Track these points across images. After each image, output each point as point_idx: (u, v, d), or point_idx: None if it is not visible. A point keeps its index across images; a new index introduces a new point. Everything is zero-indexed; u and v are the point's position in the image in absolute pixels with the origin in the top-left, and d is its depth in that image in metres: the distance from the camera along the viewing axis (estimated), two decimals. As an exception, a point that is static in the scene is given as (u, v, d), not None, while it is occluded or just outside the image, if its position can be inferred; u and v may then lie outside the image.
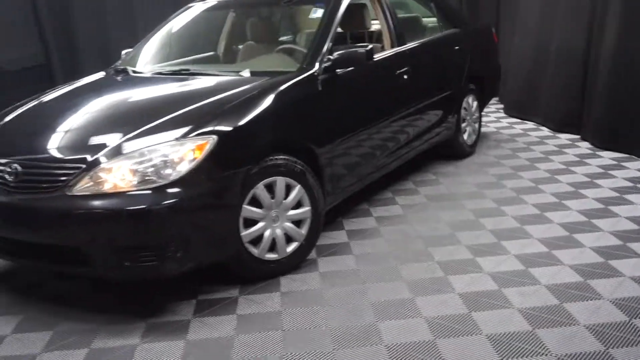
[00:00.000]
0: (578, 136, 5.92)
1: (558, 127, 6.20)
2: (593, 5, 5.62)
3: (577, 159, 5.24)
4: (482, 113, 6.82)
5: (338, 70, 3.86)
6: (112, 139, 3.13)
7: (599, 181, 4.65)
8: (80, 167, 3.02)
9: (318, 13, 4.34)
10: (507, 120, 6.88)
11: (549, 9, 6.28)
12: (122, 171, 2.97)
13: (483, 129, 6.33)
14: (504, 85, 7.41)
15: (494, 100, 7.75)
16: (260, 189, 3.29)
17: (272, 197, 3.36)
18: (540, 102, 6.51)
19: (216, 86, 3.76)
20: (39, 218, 3.05)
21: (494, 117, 7.09)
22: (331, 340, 2.80)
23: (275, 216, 3.39)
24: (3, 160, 3.23)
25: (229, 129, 3.18)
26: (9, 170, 3.16)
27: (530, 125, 6.57)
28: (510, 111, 7.16)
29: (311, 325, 2.94)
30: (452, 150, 5.44)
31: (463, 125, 5.43)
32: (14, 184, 3.14)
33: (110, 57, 8.05)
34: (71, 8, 8.16)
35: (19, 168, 3.14)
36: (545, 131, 6.26)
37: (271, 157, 3.34)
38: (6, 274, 3.74)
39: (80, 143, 3.23)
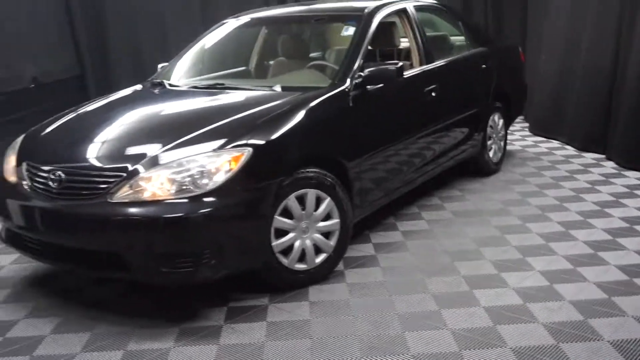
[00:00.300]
0: (603, 155, 5.95)
1: (583, 146, 6.23)
2: (619, 25, 5.68)
3: (603, 178, 5.28)
4: (508, 131, 6.90)
5: (368, 86, 3.97)
6: (151, 149, 3.26)
7: (624, 200, 4.68)
8: (121, 176, 3.15)
9: (349, 31, 4.47)
10: (532, 139, 6.93)
11: (576, 28, 6.33)
12: (161, 180, 3.10)
13: (509, 147, 6.38)
14: (529, 103, 7.45)
15: (519, 118, 7.79)
16: (291, 201, 3.39)
17: (303, 209, 3.46)
18: (566, 121, 6.55)
19: (250, 100, 3.89)
20: (80, 224, 3.19)
21: (520, 136, 7.13)
22: (359, 349, 2.88)
23: (305, 227, 3.49)
24: (47, 168, 3.38)
25: (263, 142, 3.30)
26: (53, 177, 3.31)
27: (555, 144, 6.61)
28: (535, 130, 7.20)
29: (339, 334, 3.03)
30: (478, 167, 5.50)
31: (489, 142, 5.50)
32: (56, 191, 3.29)
33: (142, 70, 8.30)
34: (106, 23, 8.42)
35: (62, 175, 3.29)
36: (570, 150, 6.30)
37: (303, 170, 3.45)
38: (47, 278, 3.88)
39: (121, 153, 3.37)
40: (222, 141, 3.24)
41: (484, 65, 5.43)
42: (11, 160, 3.71)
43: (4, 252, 4.30)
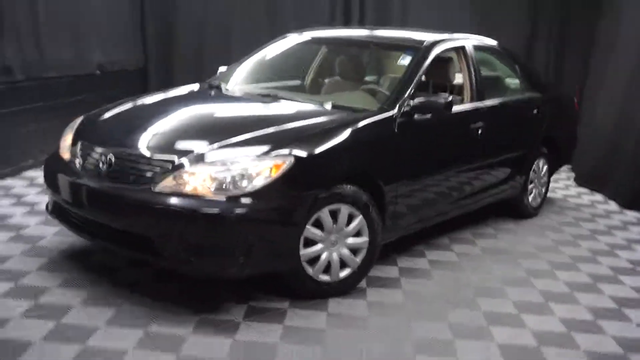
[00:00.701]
0: (646, 215, 5.89)
1: (627, 203, 6.16)
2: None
3: (641, 237, 5.23)
4: (553, 179, 6.87)
5: (416, 115, 4.06)
6: (198, 147, 3.42)
7: (659, 262, 4.64)
8: (167, 167, 3.31)
9: (406, 60, 4.57)
10: (576, 189, 6.88)
11: (636, 84, 6.30)
12: (204, 176, 3.24)
13: (551, 195, 6.36)
14: (579, 154, 7.41)
15: (566, 168, 7.74)
16: (324, 213, 3.50)
17: (334, 223, 3.56)
18: (614, 176, 6.49)
19: (299, 113, 4.02)
20: (122, 206, 3.36)
21: (564, 184, 7.09)
22: (368, 364, 2.95)
23: (334, 241, 3.58)
24: (99, 150, 3.58)
25: (306, 154, 3.41)
26: (104, 159, 3.50)
27: (599, 197, 6.56)
28: (581, 181, 7.15)
29: (351, 347, 3.10)
30: (516, 209, 5.50)
31: (530, 186, 5.50)
32: (105, 172, 3.48)
33: (202, 71, 8.57)
34: (175, 21, 8.74)
35: (112, 159, 3.47)
36: (613, 205, 6.24)
37: (340, 186, 3.55)
38: (83, 253, 4.07)
39: (170, 146, 3.53)
40: (266, 148, 3.37)
41: (535, 110, 5.45)
42: (68, 139, 3.93)
43: (48, 223, 4.52)
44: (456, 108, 4.51)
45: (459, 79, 5.01)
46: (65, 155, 3.84)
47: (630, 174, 6.18)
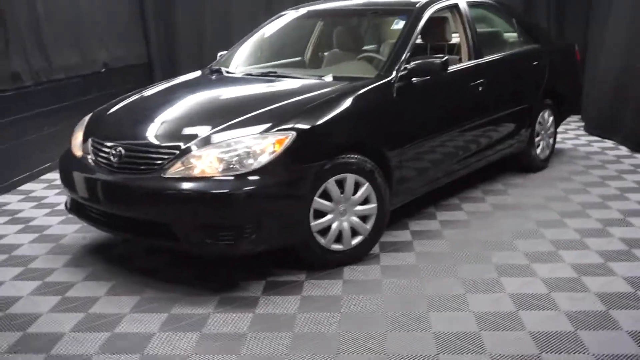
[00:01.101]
0: (657, 157, 5.90)
1: (637, 147, 6.17)
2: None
3: (652, 179, 5.26)
4: (562, 129, 6.89)
5: (414, 79, 4.11)
6: (203, 130, 3.52)
7: (670, 202, 4.67)
8: (175, 153, 3.42)
9: (399, 24, 4.62)
10: (586, 138, 6.89)
11: (636, 31, 6.26)
12: (210, 159, 3.35)
13: (560, 145, 6.39)
14: (586, 103, 7.40)
15: (575, 117, 7.74)
16: (331, 184, 3.59)
17: (342, 192, 3.65)
18: (622, 121, 6.49)
19: (299, 88, 4.10)
20: (137, 196, 3.48)
21: (574, 134, 7.10)
22: (384, 324, 3.06)
23: (343, 210, 3.68)
24: (109, 144, 3.69)
25: (307, 127, 3.50)
26: (114, 152, 3.62)
27: (609, 143, 6.57)
28: (590, 129, 7.15)
29: (367, 310, 3.21)
30: (524, 162, 5.55)
31: (537, 139, 5.53)
32: (117, 165, 3.59)
33: (207, 61, 8.64)
34: (175, 15, 8.86)
35: (122, 151, 3.59)
36: (623, 150, 6.25)
37: (344, 155, 3.64)
38: (104, 246, 4.22)
39: (176, 132, 3.65)
40: (268, 125, 3.47)
41: (535, 62, 5.46)
42: (78, 136, 4.05)
43: (68, 222, 4.68)
44: (454, 67, 4.56)
45: (455, 38, 5.04)
46: (78, 152, 3.96)
47: (637, 118, 6.17)
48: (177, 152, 3.44)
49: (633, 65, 6.24)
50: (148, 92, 4.48)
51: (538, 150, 5.57)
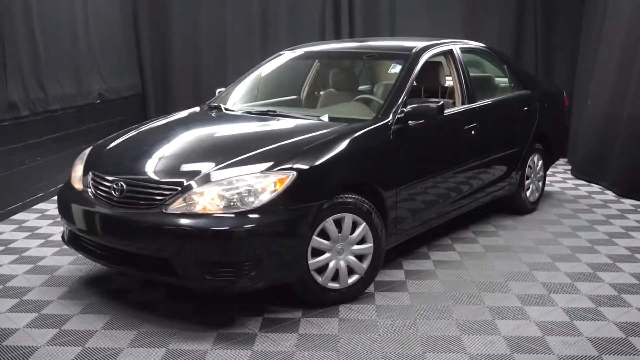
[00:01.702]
0: (643, 203, 6.03)
1: (623, 192, 6.31)
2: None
3: (638, 224, 5.36)
4: (549, 173, 7.02)
5: (410, 122, 4.22)
6: (205, 167, 3.58)
7: (656, 247, 4.78)
8: (177, 190, 3.48)
9: (396, 68, 4.74)
10: (573, 182, 7.03)
11: (623, 76, 6.45)
12: (212, 195, 3.41)
13: (548, 188, 6.51)
14: (573, 147, 7.56)
15: (562, 161, 7.90)
16: (329, 223, 3.65)
17: (339, 231, 3.71)
18: (609, 166, 6.64)
19: (298, 128, 4.19)
20: (137, 230, 3.51)
21: (561, 178, 7.24)
22: (381, 364, 3.10)
23: (340, 249, 3.73)
24: (110, 178, 3.74)
25: (308, 166, 3.58)
26: (115, 187, 3.66)
27: (596, 188, 6.70)
28: (577, 173, 7.30)
29: (364, 349, 3.25)
30: (514, 205, 5.65)
31: (527, 182, 5.65)
32: (117, 199, 3.63)
33: (199, 93, 8.79)
34: (170, 48, 9.02)
35: (124, 186, 3.63)
36: (610, 195, 6.38)
37: (342, 195, 3.71)
38: (100, 279, 4.22)
39: (177, 169, 3.70)
40: (269, 164, 3.54)
41: (525, 108, 5.61)
42: (78, 170, 4.09)
43: (62, 253, 4.68)
44: (449, 111, 4.67)
45: (449, 82, 5.18)
46: (77, 185, 3.99)
47: (625, 162, 6.34)
48: (179, 188, 3.49)
49: (620, 114, 6.41)
50: (148, 127, 4.54)
51: (528, 193, 5.68)
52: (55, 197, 4.22)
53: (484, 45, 5.72)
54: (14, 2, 5.73)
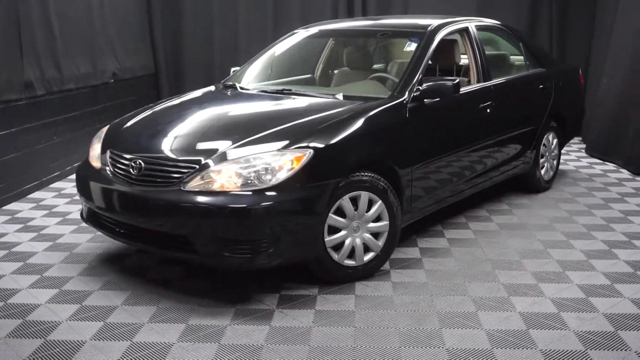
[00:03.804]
0: (658, 181, 6.01)
1: (638, 170, 6.28)
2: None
3: (654, 202, 5.36)
4: (564, 151, 7.00)
5: (426, 100, 4.22)
6: (222, 145, 3.61)
7: (672, 225, 4.77)
8: (194, 168, 3.51)
9: (412, 46, 4.72)
10: (587, 160, 7.01)
11: (638, 55, 6.40)
12: (229, 173, 3.43)
13: (563, 167, 6.49)
14: (588, 125, 7.52)
15: (577, 139, 7.86)
16: (345, 201, 3.67)
17: (355, 209, 3.73)
18: (623, 144, 6.60)
19: (313, 106, 4.20)
20: (155, 208, 3.55)
21: (575, 156, 7.22)
22: (398, 339, 3.13)
23: (356, 227, 3.76)
24: (128, 156, 3.77)
25: (323, 145, 3.59)
26: (133, 165, 3.69)
27: (610, 166, 6.68)
28: (592, 151, 7.27)
29: (380, 325, 3.29)
30: (529, 183, 5.65)
31: (541, 160, 5.64)
32: (136, 177, 3.67)
33: (211, 72, 8.79)
34: (182, 27, 8.98)
35: (142, 164, 3.66)
36: (625, 173, 6.36)
37: (358, 173, 3.73)
38: (119, 256, 4.28)
39: (195, 147, 3.73)
40: (286, 142, 3.56)
41: (541, 86, 5.58)
42: (96, 148, 4.12)
43: (81, 230, 4.74)
44: (464, 89, 4.67)
45: (465, 60, 5.16)
46: (95, 163, 4.03)
47: (638, 142, 6.29)
48: (197, 166, 3.52)
49: (634, 93, 6.36)
50: (165, 106, 4.56)
51: (542, 172, 5.67)
52: (72, 176, 4.28)
53: (499, 22, 5.68)
54: (28, -18, 5.75)
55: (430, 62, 4.58)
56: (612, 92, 6.90)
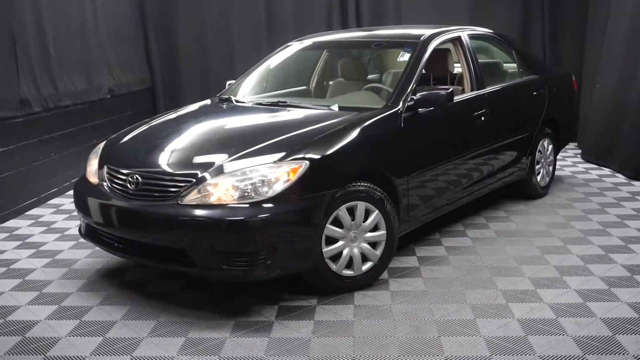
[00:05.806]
0: (654, 185, 6.03)
1: (634, 175, 6.31)
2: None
3: (650, 206, 5.38)
4: (559, 157, 7.03)
5: (420, 109, 4.24)
6: (218, 159, 3.63)
7: (668, 229, 4.80)
8: (191, 181, 3.53)
9: (405, 56, 4.76)
10: (583, 165, 7.04)
11: (632, 58, 6.44)
12: (226, 186, 3.45)
13: (558, 172, 6.52)
14: (582, 130, 7.56)
15: (572, 145, 7.90)
16: (342, 211, 3.69)
17: (352, 219, 3.75)
18: (619, 149, 6.64)
19: (308, 118, 4.23)
20: (153, 222, 3.57)
21: (571, 162, 7.25)
22: (397, 348, 3.14)
23: (353, 237, 3.78)
24: (125, 171, 3.79)
25: (319, 156, 3.62)
26: (131, 180, 3.71)
27: (606, 171, 6.71)
28: (587, 156, 7.30)
29: (379, 335, 3.29)
30: (525, 190, 5.68)
31: (537, 167, 5.67)
32: (133, 192, 3.69)
33: (207, 87, 8.83)
34: (177, 42, 9.02)
35: (139, 179, 3.68)
36: (620, 178, 6.39)
37: (354, 184, 3.75)
38: (118, 271, 4.29)
39: (191, 161, 3.75)
40: (282, 154, 3.58)
41: (534, 93, 5.62)
42: (93, 164, 4.14)
43: (79, 246, 4.75)
44: (458, 97, 4.69)
45: (458, 68, 5.19)
46: (93, 179, 4.05)
47: (634, 145, 6.33)
48: (194, 180, 3.54)
49: (628, 98, 6.40)
50: (161, 121, 4.59)
51: (538, 178, 5.70)
52: (69, 192, 4.30)
53: (491, 31, 5.72)
54: (24, -1, 5.80)
55: (424, 71, 4.61)
56: (606, 97, 6.93)
